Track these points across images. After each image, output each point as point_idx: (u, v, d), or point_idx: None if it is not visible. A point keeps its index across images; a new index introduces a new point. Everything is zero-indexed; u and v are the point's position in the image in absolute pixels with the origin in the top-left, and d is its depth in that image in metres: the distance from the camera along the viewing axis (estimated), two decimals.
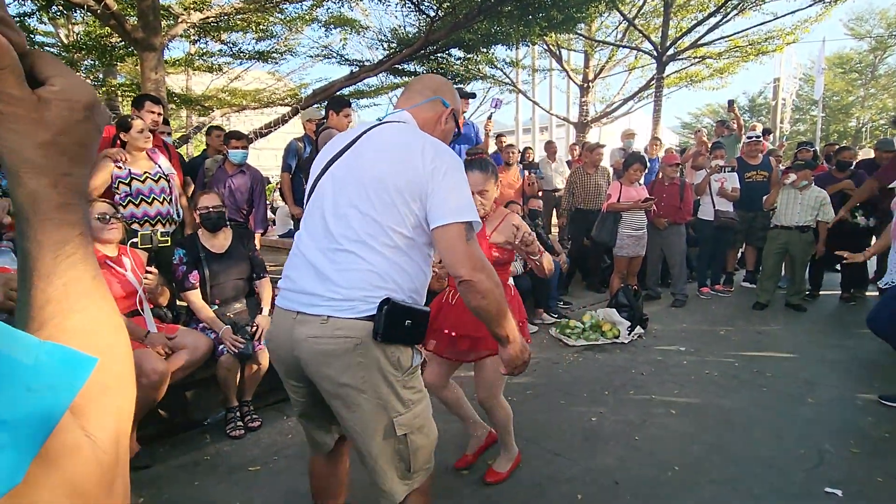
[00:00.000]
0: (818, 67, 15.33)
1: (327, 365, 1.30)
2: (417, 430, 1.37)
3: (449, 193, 1.31)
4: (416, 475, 1.40)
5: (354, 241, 1.30)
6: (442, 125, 1.54)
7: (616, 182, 5.42)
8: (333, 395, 1.33)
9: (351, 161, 1.40)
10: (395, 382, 1.32)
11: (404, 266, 1.33)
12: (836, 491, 2.23)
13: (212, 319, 2.85)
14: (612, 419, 2.95)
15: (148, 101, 3.67)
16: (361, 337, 1.27)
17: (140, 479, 2.39)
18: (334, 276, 1.30)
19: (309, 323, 1.31)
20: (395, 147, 1.37)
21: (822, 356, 4.01)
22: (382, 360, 1.30)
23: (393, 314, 1.26)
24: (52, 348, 0.38)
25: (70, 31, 10.08)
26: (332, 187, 1.40)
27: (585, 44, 12.68)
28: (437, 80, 1.61)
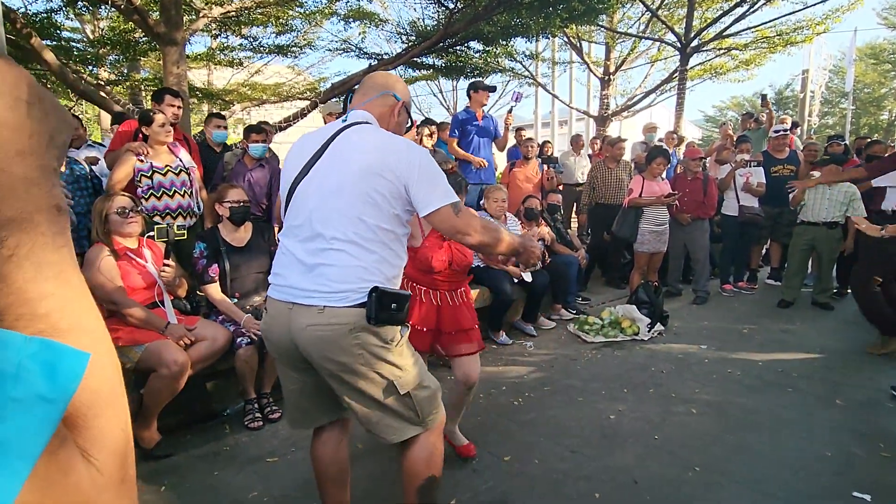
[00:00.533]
0: (849, 58, 14.81)
1: (327, 349, 1.45)
2: (419, 386, 1.55)
3: (428, 184, 1.49)
4: (427, 420, 1.58)
5: (343, 241, 1.46)
6: (395, 118, 1.69)
7: (638, 176, 5.33)
8: (334, 374, 1.49)
9: (332, 166, 1.53)
10: (388, 354, 1.49)
11: (387, 257, 1.51)
12: (865, 496, 2.16)
13: (232, 310, 2.88)
14: (631, 417, 2.90)
15: (168, 95, 3.72)
16: (354, 322, 1.44)
17: (161, 467, 2.44)
18: (326, 272, 1.45)
19: (305, 313, 1.46)
20: (370, 150, 1.50)
21: (849, 356, 3.89)
22: (374, 339, 1.46)
23: (382, 300, 1.43)
24: (38, 348, 0.35)
25: (95, 26, 10.25)
26: (316, 191, 1.52)
27: (607, 35, 12.46)
28: (385, 75, 1.81)
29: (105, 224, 2.64)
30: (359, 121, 1.60)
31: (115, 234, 2.65)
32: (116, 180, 3.25)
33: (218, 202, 3.04)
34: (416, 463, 1.61)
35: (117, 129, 3.84)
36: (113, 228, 2.63)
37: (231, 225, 3.06)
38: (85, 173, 3.29)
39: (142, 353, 2.47)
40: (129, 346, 2.50)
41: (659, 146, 5.97)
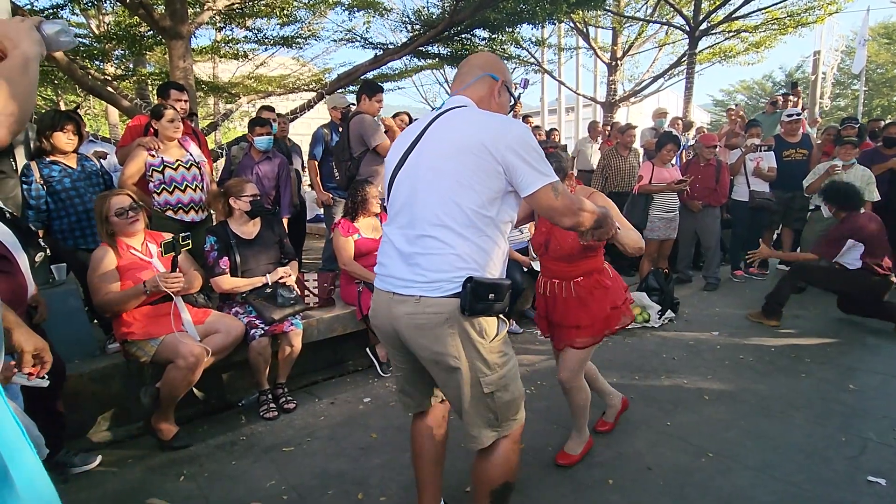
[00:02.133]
0: (861, 38, 14.49)
1: (422, 336, 1.48)
2: (503, 389, 1.53)
3: (528, 164, 1.43)
4: (505, 425, 1.58)
5: (436, 226, 1.45)
6: (496, 98, 1.65)
7: (648, 163, 5.29)
8: (430, 361, 1.53)
9: (426, 150, 1.53)
10: (481, 349, 1.48)
11: (482, 245, 1.47)
12: (880, 480, 2.16)
13: (251, 283, 2.97)
14: (643, 404, 2.91)
15: (173, 90, 3.72)
16: (449, 312, 1.44)
17: (179, 458, 2.48)
18: (421, 261, 1.47)
19: (405, 302, 1.49)
20: (466, 132, 1.47)
21: (863, 341, 3.87)
22: (469, 329, 1.46)
23: (476, 290, 1.41)
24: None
25: (101, 21, 10.25)
26: (411, 178, 1.53)
27: (614, 20, 12.29)
28: (483, 57, 1.72)
29: (107, 225, 2.62)
30: (455, 105, 1.59)
31: (120, 235, 2.65)
32: (128, 175, 3.27)
33: (234, 197, 3.05)
34: (492, 468, 1.59)
35: (127, 125, 3.86)
36: (117, 230, 2.63)
37: (243, 218, 3.08)
38: (96, 169, 3.30)
39: (158, 347, 2.51)
40: (144, 339, 2.54)
41: (669, 132, 5.92)
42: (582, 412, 2.37)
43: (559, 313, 2.30)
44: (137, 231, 2.70)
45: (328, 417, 2.87)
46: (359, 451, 2.51)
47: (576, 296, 2.25)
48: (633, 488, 2.16)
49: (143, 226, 2.75)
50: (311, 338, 3.26)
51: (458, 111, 1.56)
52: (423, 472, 1.80)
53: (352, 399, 3.09)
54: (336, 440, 2.62)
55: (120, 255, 2.62)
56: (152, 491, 2.23)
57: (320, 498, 2.15)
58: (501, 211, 1.49)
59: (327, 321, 3.40)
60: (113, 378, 2.76)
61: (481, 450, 1.59)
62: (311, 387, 3.30)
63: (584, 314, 2.24)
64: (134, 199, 2.70)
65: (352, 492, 2.18)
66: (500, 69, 1.68)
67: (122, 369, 2.76)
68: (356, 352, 3.65)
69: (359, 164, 3.97)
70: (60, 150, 3.08)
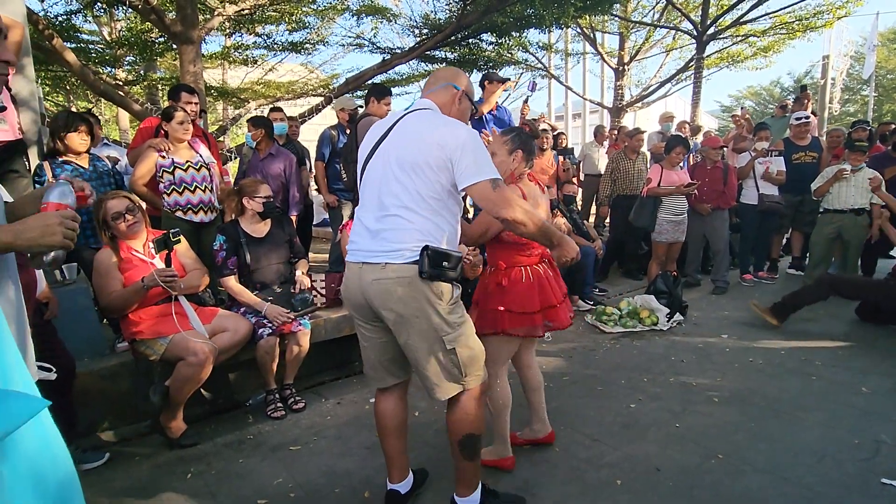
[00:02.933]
0: (870, 43, 14.39)
1: (389, 299, 1.69)
2: (463, 345, 1.76)
3: (470, 161, 1.67)
4: (468, 379, 1.79)
5: (401, 208, 1.70)
6: (457, 105, 1.92)
7: (656, 165, 5.27)
8: (395, 322, 1.72)
9: (392, 145, 1.77)
10: (441, 310, 1.71)
11: (439, 224, 1.73)
12: (893, 483, 2.13)
13: (253, 300, 2.92)
14: (651, 406, 2.89)
15: (184, 92, 3.76)
16: (411, 276, 1.67)
17: (187, 456, 2.49)
18: (387, 235, 1.70)
19: (372, 270, 1.71)
20: (425, 131, 1.73)
21: (875, 344, 3.82)
22: (429, 292, 1.69)
23: (432, 257, 1.65)
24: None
25: (113, 28, 10.41)
26: (381, 168, 1.77)
27: (621, 25, 12.29)
28: (448, 70, 2.00)
29: (106, 228, 2.62)
30: (421, 107, 1.84)
31: (121, 238, 2.66)
32: (139, 176, 3.31)
33: (248, 197, 3.07)
34: (456, 420, 1.81)
35: (139, 127, 3.91)
36: (118, 234, 2.64)
37: (255, 218, 3.10)
38: (108, 169, 3.34)
39: (167, 345, 2.52)
40: (153, 338, 2.55)
41: (678, 135, 5.90)
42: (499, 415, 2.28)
43: (558, 288, 2.33)
44: (137, 234, 2.69)
45: (335, 417, 2.87)
46: (365, 450, 2.50)
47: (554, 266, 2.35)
48: (642, 489, 2.14)
49: (142, 228, 2.72)
50: (319, 338, 3.27)
51: (422, 112, 1.82)
52: (389, 445, 2.00)
53: (358, 399, 3.09)
54: (343, 439, 2.62)
55: (121, 258, 2.63)
56: (160, 488, 2.24)
57: (327, 496, 2.15)
58: (452, 198, 1.76)
59: (335, 321, 3.40)
60: (122, 376, 2.78)
61: (448, 407, 1.83)
62: (318, 387, 3.31)
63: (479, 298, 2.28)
64: (132, 201, 2.70)
65: (358, 490, 2.18)
66: (462, 81, 1.93)
67: (131, 368, 2.78)
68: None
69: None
70: (74, 151, 3.12)
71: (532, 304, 2.17)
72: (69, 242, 1.14)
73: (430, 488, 2.17)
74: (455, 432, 1.82)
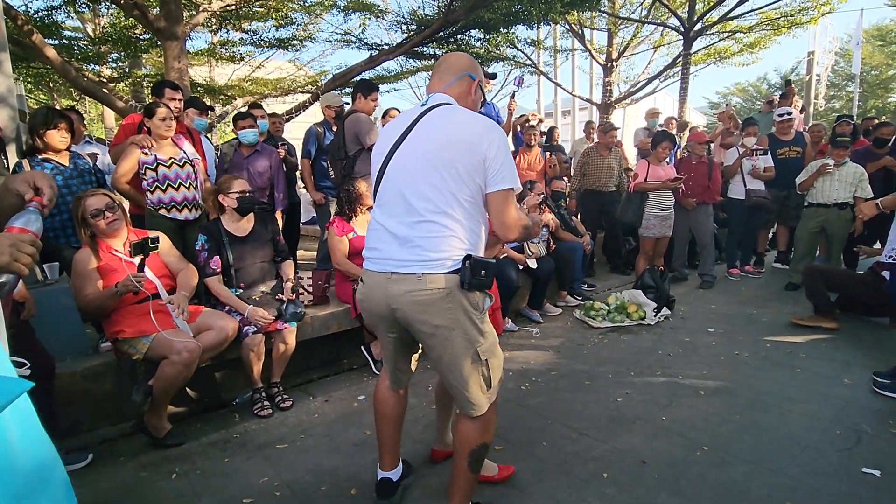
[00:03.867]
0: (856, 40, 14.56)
1: (424, 312, 1.61)
2: (493, 355, 1.72)
3: (501, 163, 1.60)
4: (492, 391, 1.75)
5: (436, 213, 1.60)
6: (472, 96, 1.83)
7: (643, 161, 5.30)
8: (430, 335, 1.64)
9: (419, 143, 1.65)
10: (476, 319, 1.65)
11: (474, 228, 1.66)
12: (875, 472, 2.16)
13: (236, 302, 2.89)
14: (638, 399, 2.90)
15: (167, 88, 3.71)
16: (450, 287, 1.59)
17: (172, 455, 2.46)
18: (422, 244, 1.60)
19: (404, 280, 1.61)
20: (458, 129, 1.62)
21: (858, 336, 3.87)
22: (466, 303, 1.62)
23: (475, 267, 1.58)
24: None
25: (96, 25, 10.26)
26: (405, 168, 1.66)
27: (609, 21, 12.33)
28: (462, 57, 1.86)
29: (85, 226, 2.57)
30: (440, 102, 1.73)
31: (100, 236, 2.61)
32: (121, 173, 3.26)
33: (223, 194, 3.04)
34: (472, 431, 1.75)
35: (121, 124, 3.85)
36: (97, 232, 2.59)
37: (234, 215, 3.06)
38: (89, 167, 3.29)
39: (151, 343, 2.49)
40: (136, 337, 2.52)
41: (663, 131, 5.93)
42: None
43: None
44: (117, 231, 2.64)
45: (322, 415, 2.86)
46: (353, 447, 2.49)
47: None
48: (629, 482, 2.15)
49: (121, 227, 2.67)
50: (306, 335, 3.25)
51: (445, 108, 1.70)
52: (384, 432, 2.02)
53: (346, 396, 3.08)
54: (330, 437, 2.61)
55: (100, 258, 2.58)
56: (145, 488, 2.22)
57: (314, 494, 2.14)
58: (482, 198, 1.66)
59: (322, 319, 3.38)
60: (105, 376, 2.74)
61: (463, 419, 1.76)
62: (306, 385, 3.29)
63: None
64: (112, 199, 2.65)
65: (345, 488, 2.17)
66: (477, 70, 1.84)
67: (114, 368, 2.75)
68: (351, 350, 3.64)
69: (354, 162, 3.97)
70: (54, 148, 3.07)
71: None
72: (20, 266, 1.06)
73: (418, 484, 2.17)
74: (468, 442, 1.74)
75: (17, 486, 0.84)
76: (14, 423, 0.87)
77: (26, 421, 0.91)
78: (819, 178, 5.08)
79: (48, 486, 0.91)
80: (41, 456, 0.92)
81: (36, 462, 0.90)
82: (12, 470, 0.84)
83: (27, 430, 0.90)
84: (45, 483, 0.90)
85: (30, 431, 0.91)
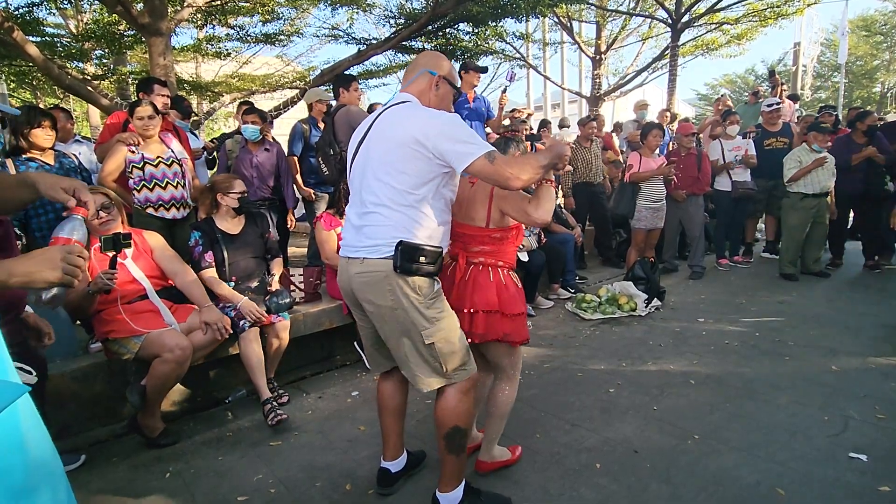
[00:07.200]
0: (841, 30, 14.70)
1: (368, 292, 1.75)
2: (443, 340, 1.75)
3: (456, 143, 1.64)
4: (454, 374, 1.79)
5: (378, 205, 1.73)
6: (434, 91, 1.88)
7: (635, 153, 5.32)
8: (373, 314, 1.79)
9: (372, 142, 1.80)
10: (419, 304, 1.72)
11: (416, 218, 1.72)
12: (861, 456, 2.20)
13: (230, 294, 2.88)
14: (630, 390, 2.93)
15: (156, 84, 3.67)
16: (386, 271, 1.70)
17: (165, 454, 2.45)
18: (367, 231, 1.75)
19: (354, 264, 1.78)
20: (399, 127, 1.73)
21: (845, 324, 3.93)
22: (405, 287, 1.70)
23: (405, 252, 1.67)
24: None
25: (79, 21, 10.09)
26: (362, 165, 1.81)
27: (597, 13, 12.34)
28: (424, 55, 1.96)
29: None
30: (398, 101, 1.83)
31: (92, 235, 2.55)
32: (108, 172, 3.22)
33: (222, 193, 3.00)
34: (442, 412, 1.82)
35: (106, 122, 3.80)
36: (90, 230, 2.56)
37: (229, 214, 3.04)
38: (74, 166, 3.25)
39: (142, 342, 2.47)
40: (126, 337, 2.50)
41: (652, 122, 5.96)
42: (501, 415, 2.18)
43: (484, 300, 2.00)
44: (110, 231, 2.57)
45: (316, 411, 2.86)
46: (347, 443, 2.50)
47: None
48: (621, 472, 2.17)
49: (116, 225, 2.63)
50: (299, 332, 3.24)
51: (399, 107, 1.80)
52: (385, 424, 2.08)
53: (340, 393, 3.08)
54: (324, 433, 2.61)
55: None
56: (138, 488, 2.21)
57: (308, 490, 2.14)
58: (438, 192, 1.74)
59: (314, 315, 3.38)
60: (96, 377, 2.72)
61: (436, 398, 1.85)
62: (299, 382, 3.28)
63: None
64: (109, 198, 2.61)
65: (339, 483, 2.17)
66: (439, 65, 1.89)
67: (105, 368, 2.73)
68: (344, 346, 3.64)
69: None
70: (38, 147, 3.02)
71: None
72: (70, 279, 1.06)
73: (410, 480, 2.18)
74: (441, 425, 1.82)
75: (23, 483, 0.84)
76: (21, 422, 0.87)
77: (31, 420, 0.91)
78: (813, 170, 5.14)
79: (51, 484, 0.91)
80: (45, 454, 0.92)
81: (41, 460, 0.90)
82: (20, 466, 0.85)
83: (32, 429, 0.90)
84: (49, 481, 0.91)
85: (34, 430, 0.91)
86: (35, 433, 0.91)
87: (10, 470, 0.83)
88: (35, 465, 0.88)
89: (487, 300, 1.97)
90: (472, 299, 1.97)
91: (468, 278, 2.01)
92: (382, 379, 2.08)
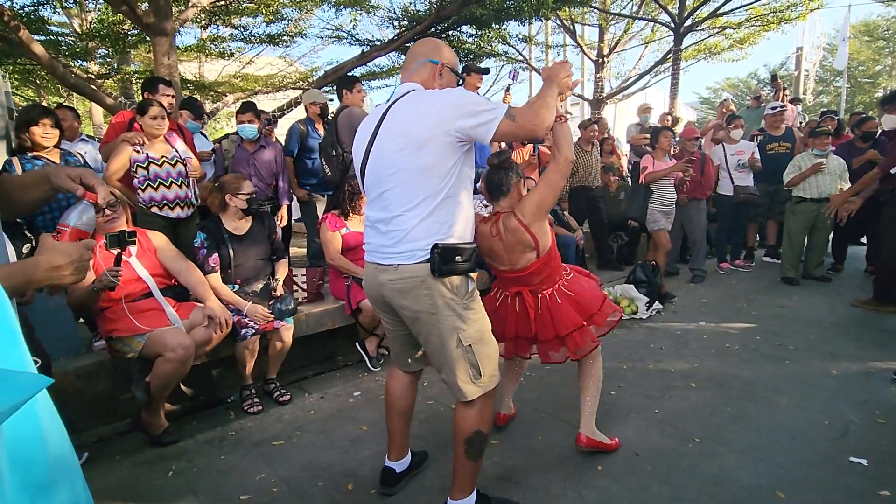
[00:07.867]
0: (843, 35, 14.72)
1: (404, 298, 1.71)
2: (480, 342, 1.74)
3: (474, 117, 1.60)
4: (485, 380, 1.76)
5: (404, 206, 1.67)
6: (438, 80, 1.83)
7: (648, 156, 5.30)
8: (412, 319, 1.75)
9: (385, 140, 1.70)
10: (457, 305, 1.69)
11: (445, 218, 1.67)
12: (861, 460, 2.21)
13: (235, 300, 2.89)
14: (631, 392, 2.94)
15: (161, 84, 3.68)
16: (423, 275, 1.66)
17: (169, 453, 2.47)
18: (397, 236, 1.69)
19: (386, 271, 1.73)
20: (415, 119, 1.64)
21: (846, 329, 3.94)
22: (443, 289, 1.67)
23: (443, 255, 1.64)
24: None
25: (83, 20, 10.13)
26: (379, 165, 1.71)
27: (600, 17, 12.36)
28: (424, 44, 1.89)
29: None
30: (405, 92, 1.75)
31: (97, 233, 2.59)
32: (112, 171, 3.23)
33: (231, 194, 3.00)
34: (464, 417, 1.78)
35: (111, 121, 3.82)
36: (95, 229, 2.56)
37: (237, 215, 3.04)
38: (79, 165, 3.27)
39: (145, 341, 2.48)
40: (129, 335, 2.51)
41: (657, 126, 5.96)
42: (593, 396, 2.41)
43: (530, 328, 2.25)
44: (115, 229, 2.58)
45: (318, 411, 2.87)
46: (349, 443, 2.51)
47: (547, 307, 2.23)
48: (623, 473, 2.18)
49: (121, 225, 2.64)
50: (301, 332, 3.25)
51: (407, 97, 1.72)
52: (392, 423, 2.08)
53: (342, 393, 3.09)
54: (326, 433, 2.62)
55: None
56: (141, 486, 2.22)
57: (310, 490, 2.15)
58: (461, 173, 1.69)
59: (317, 316, 3.39)
60: (99, 375, 2.73)
61: (459, 405, 1.80)
62: (302, 382, 3.29)
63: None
64: (114, 196, 2.62)
65: (341, 483, 2.18)
66: (440, 54, 1.83)
67: (108, 366, 2.74)
68: (346, 346, 3.65)
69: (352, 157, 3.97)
70: (39, 145, 3.03)
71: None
72: (83, 277, 1.06)
73: (412, 480, 2.19)
74: (462, 430, 1.78)
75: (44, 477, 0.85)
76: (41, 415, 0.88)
77: (49, 413, 0.92)
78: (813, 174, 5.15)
79: (70, 479, 0.92)
80: (63, 448, 0.93)
81: (60, 454, 0.91)
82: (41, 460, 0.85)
83: (50, 422, 0.91)
84: (68, 475, 0.92)
85: (52, 423, 0.92)
86: (53, 426, 0.92)
87: (32, 463, 0.84)
88: (54, 459, 0.89)
89: (572, 320, 2.17)
90: (556, 326, 2.17)
91: (541, 311, 2.20)
92: (391, 379, 2.08)
